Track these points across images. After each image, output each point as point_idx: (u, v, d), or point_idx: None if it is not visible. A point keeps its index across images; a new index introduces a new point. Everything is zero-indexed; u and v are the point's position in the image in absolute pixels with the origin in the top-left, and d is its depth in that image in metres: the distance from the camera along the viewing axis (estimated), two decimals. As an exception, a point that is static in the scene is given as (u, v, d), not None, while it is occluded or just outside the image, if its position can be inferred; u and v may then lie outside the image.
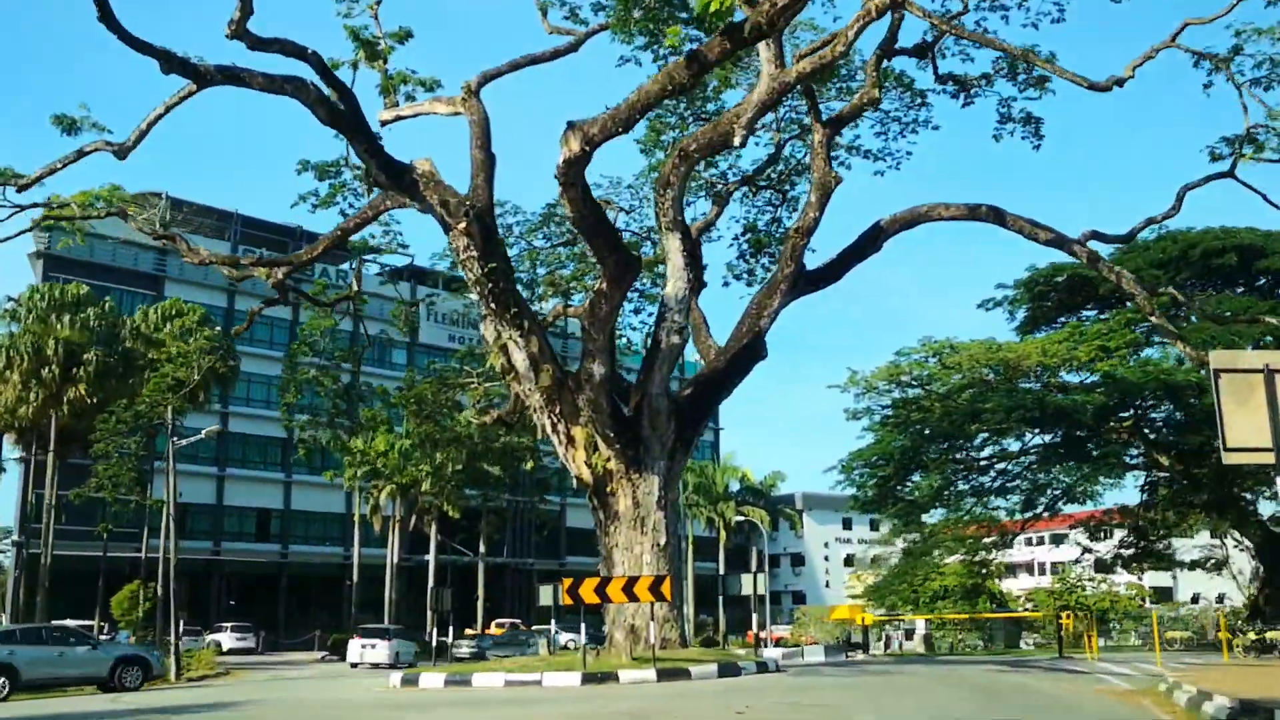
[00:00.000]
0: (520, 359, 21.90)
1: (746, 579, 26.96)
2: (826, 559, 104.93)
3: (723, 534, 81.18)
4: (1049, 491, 42.29)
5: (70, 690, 27.71)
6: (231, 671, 38.71)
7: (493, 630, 68.38)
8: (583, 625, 20.78)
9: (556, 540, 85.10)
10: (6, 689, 25.72)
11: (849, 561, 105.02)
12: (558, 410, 22.09)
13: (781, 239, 30.93)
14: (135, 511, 58.22)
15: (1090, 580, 58.65)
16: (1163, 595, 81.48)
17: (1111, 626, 54.05)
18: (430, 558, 63.00)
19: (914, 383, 43.73)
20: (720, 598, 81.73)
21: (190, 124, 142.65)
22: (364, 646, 41.66)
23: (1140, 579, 65.35)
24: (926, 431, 44.55)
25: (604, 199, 30.33)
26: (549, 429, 22.45)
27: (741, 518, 77.82)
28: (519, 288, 24.31)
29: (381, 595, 64.23)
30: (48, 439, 44.46)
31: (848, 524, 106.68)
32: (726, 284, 31.53)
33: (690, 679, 19.08)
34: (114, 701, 21.20)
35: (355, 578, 62.44)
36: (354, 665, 40.72)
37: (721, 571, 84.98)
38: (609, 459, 21.90)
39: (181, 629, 59.02)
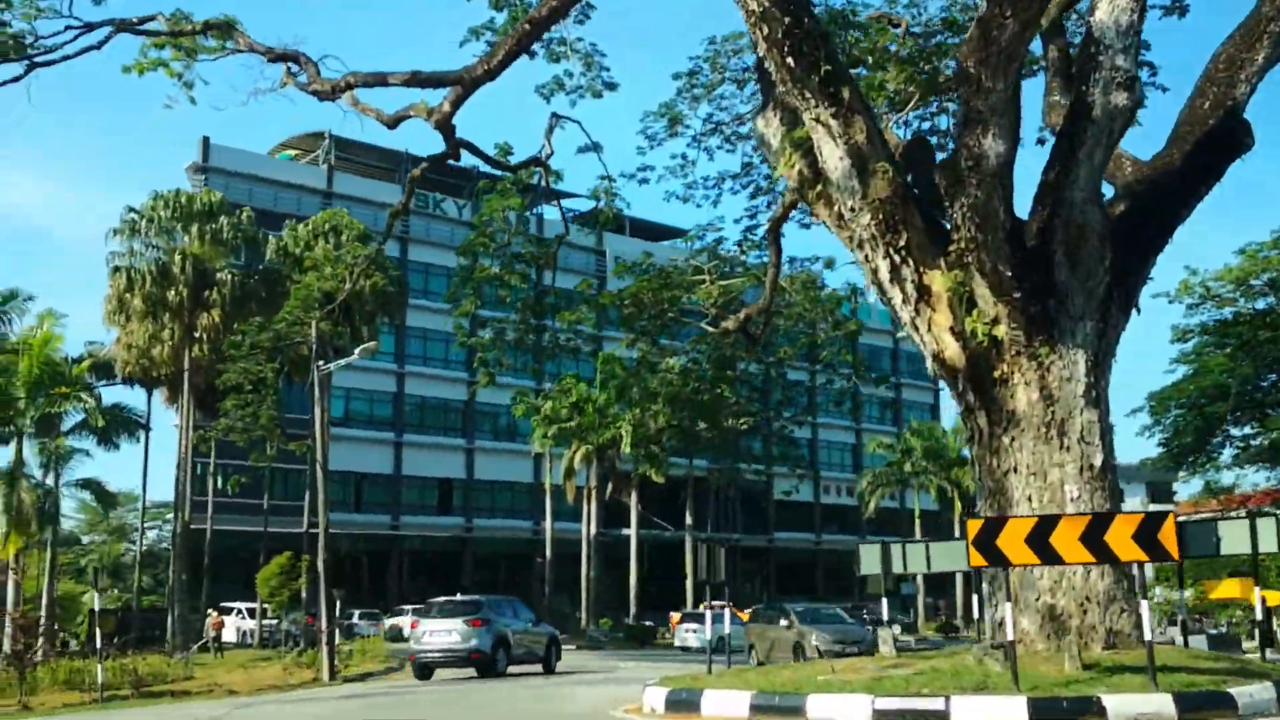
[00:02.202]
0: (834, 154, 12.73)
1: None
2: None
3: (958, 505, 70.67)
4: None
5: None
6: (407, 665, 30.98)
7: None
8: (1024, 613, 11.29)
9: (763, 514, 76.16)
10: (504, 661, 24.45)
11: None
12: (902, 242, 12.86)
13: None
14: (296, 481, 51.99)
15: None
16: None
17: None
18: (631, 531, 54.81)
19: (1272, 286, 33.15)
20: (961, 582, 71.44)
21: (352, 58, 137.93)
22: (688, 631, 40.19)
23: None
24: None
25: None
26: (883, 276, 13.24)
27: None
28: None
29: (575, 574, 56.43)
30: (202, 393, 37.83)
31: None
32: (1041, 142, 21.16)
33: (1239, 713, 9.71)
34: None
35: (549, 553, 54.70)
36: (684, 649, 39.42)
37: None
38: (996, 319, 12.61)
39: (355, 613, 52.79)
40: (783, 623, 27.67)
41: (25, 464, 32.49)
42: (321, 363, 24.58)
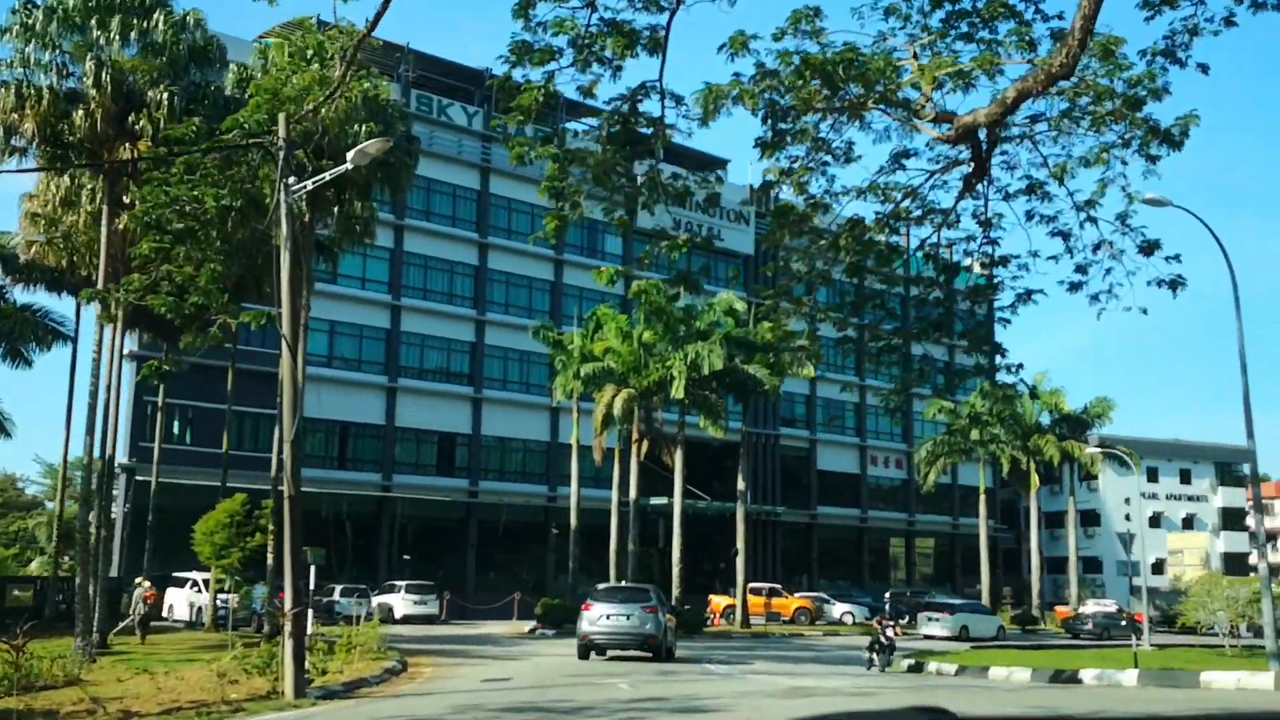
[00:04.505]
0: None
1: None
2: (1127, 518, 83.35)
3: (1034, 480, 61.51)
4: None
5: None
6: (413, 665, 21.33)
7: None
8: None
9: (805, 486, 66.68)
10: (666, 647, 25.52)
11: (1155, 522, 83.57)
12: None
13: None
14: (268, 429, 42.55)
15: None
16: None
17: None
18: (674, 499, 45.16)
19: None
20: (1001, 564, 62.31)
21: None
22: (929, 619, 41.66)
23: None
24: None
25: None
26: None
27: (1095, 455, 58.07)
28: None
29: (598, 548, 46.93)
30: (160, 321, 28.11)
31: (1153, 475, 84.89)
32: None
33: None
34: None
35: (574, 522, 45.02)
36: (927, 636, 39.94)
37: (986, 529, 66.93)
38: None
39: (337, 588, 42.99)
40: None
41: None
42: (293, 180, 14.94)
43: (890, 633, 25.29)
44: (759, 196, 19.16)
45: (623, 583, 32.30)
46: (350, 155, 15.03)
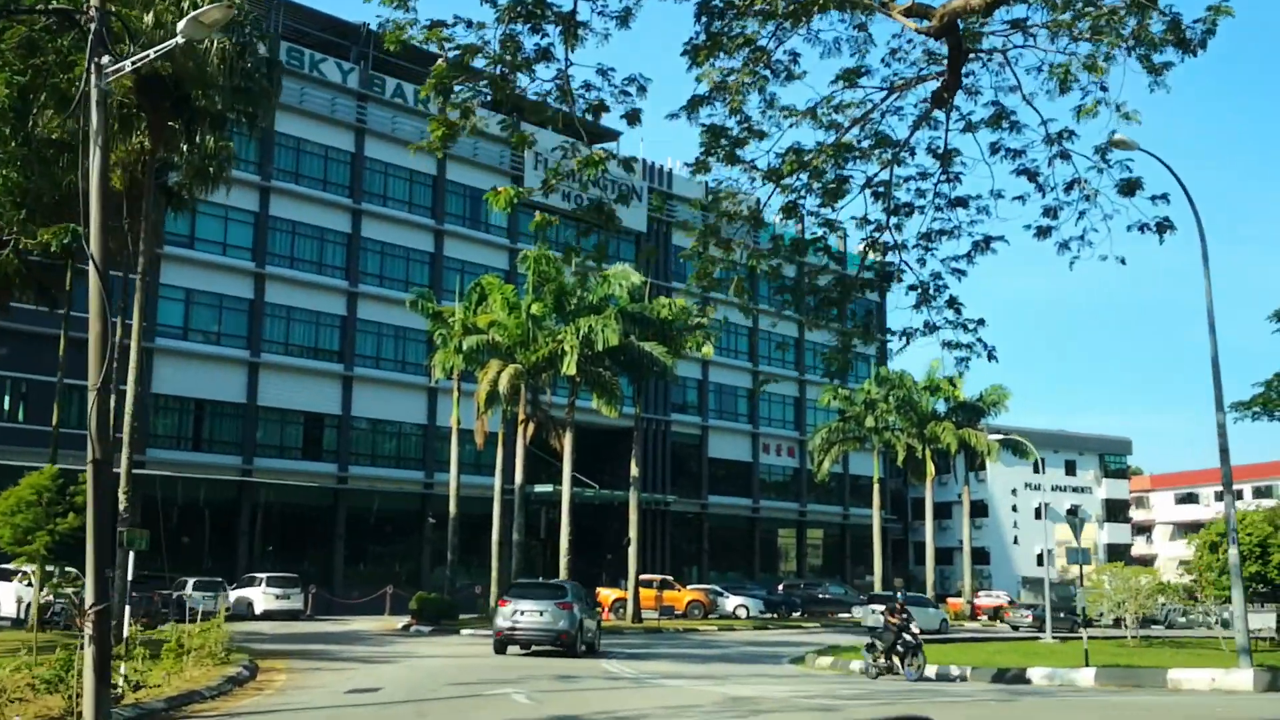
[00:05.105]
0: None
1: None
2: (1015, 509, 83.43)
3: (930, 468, 59.92)
4: None
5: None
6: (265, 671, 17.80)
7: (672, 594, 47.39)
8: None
9: (696, 474, 64.12)
10: (581, 643, 26.20)
11: (1039, 513, 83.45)
12: None
13: None
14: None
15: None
16: None
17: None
18: (562, 487, 42.00)
19: None
20: (885, 555, 60.62)
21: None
22: (874, 612, 40.34)
23: None
24: None
25: None
26: None
27: (993, 443, 56.93)
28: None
29: (481, 540, 43.53)
30: None
31: (1038, 466, 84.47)
32: None
33: None
34: None
35: (453, 510, 41.50)
36: (871, 629, 41.02)
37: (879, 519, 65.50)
38: None
39: (189, 580, 38.76)
40: None
41: None
42: (106, 60, 11.47)
43: (915, 628, 21.19)
44: (687, 113, 16.12)
45: (540, 578, 33.87)
46: (182, 25, 11.66)
